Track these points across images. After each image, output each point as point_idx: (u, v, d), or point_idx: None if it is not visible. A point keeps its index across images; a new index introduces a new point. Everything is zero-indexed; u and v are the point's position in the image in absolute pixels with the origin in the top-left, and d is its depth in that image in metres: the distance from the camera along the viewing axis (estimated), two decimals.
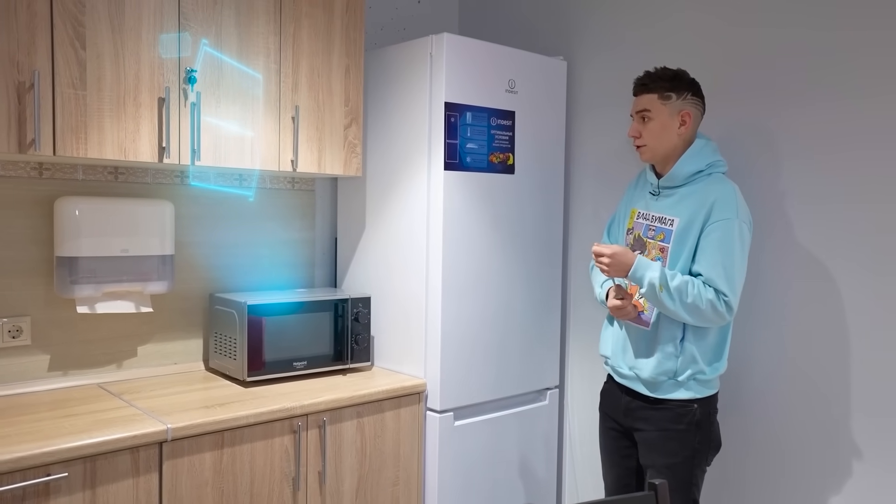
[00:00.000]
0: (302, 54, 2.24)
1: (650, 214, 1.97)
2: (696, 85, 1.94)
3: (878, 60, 1.93)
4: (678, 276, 1.83)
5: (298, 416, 2.01)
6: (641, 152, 1.96)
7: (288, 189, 2.58)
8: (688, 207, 1.89)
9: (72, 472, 1.64)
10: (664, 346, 1.89)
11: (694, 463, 1.90)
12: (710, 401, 1.92)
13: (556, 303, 2.63)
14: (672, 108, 1.91)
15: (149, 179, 2.26)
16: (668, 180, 1.94)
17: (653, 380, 1.91)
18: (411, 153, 2.35)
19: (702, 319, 1.83)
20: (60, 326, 2.12)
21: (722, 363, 1.92)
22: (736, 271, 1.82)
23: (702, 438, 1.90)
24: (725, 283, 1.81)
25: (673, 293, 1.81)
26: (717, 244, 1.83)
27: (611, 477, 2.09)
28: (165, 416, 1.84)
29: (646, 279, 1.83)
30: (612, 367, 2.05)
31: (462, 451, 2.36)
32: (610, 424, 2.08)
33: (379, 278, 2.50)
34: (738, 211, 1.84)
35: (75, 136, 1.83)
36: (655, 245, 1.93)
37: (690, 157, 1.91)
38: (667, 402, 1.91)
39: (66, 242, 2.02)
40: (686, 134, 1.92)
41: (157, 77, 1.95)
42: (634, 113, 1.96)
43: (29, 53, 1.75)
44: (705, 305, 1.80)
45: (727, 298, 1.81)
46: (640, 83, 1.94)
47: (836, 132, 2.01)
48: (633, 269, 1.85)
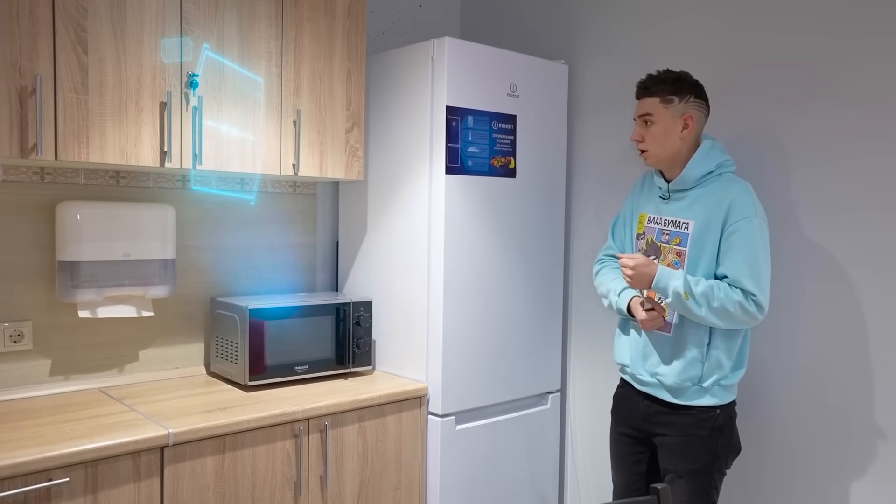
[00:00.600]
0: (303, 58, 2.24)
1: (662, 219, 1.96)
2: (700, 87, 1.92)
3: (886, 66, 1.92)
4: (702, 282, 1.81)
5: (300, 420, 2.01)
6: (645, 157, 1.95)
7: (289, 193, 2.58)
8: (703, 209, 1.87)
9: (73, 477, 1.64)
10: (689, 351, 1.88)
11: (714, 468, 1.89)
12: (731, 406, 1.92)
13: (557, 306, 2.63)
14: (674, 111, 1.90)
15: (150, 184, 2.26)
16: (678, 183, 1.93)
17: (677, 386, 1.90)
18: (413, 157, 2.35)
19: (732, 322, 1.81)
20: (62, 331, 2.12)
21: (743, 368, 1.92)
22: (762, 269, 1.81)
23: (723, 443, 1.89)
24: (752, 282, 1.80)
25: (699, 299, 1.80)
26: (740, 244, 1.81)
27: (620, 481, 2.08)
28: (167, 421, 1.84)
29: (670, 288, 1.82)
30: (632, 374, 2.03)
31: (464, 455, 2.35)
32: (622, 430, 2.06)
33: (381, 282, 2.49)
34: (756, 209, 1.84)
35: (77, 140, 1.83)
36: (671, 249, 1.92)
37: (700, 159, 1.90)
38: (689, 408, 1.89)
39: (68, 247, 2.02)
40: (689, 137, 1.91)
41: (158, 81, 1.95)
42: (637, 117, 1.95)
43: (31, 58, 1.75)
44: (734, 308, 1.79)
45: (756, 298, 1.80)
46: (643, 86, 1.94)
47: (845, 137, 2.01)
48: (657, 279, 1.84)
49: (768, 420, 2.17)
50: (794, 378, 2.12)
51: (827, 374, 2.05)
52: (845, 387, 2.02)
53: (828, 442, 2.05)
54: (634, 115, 1.97)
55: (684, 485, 1.89)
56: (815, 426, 2.08)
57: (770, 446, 2.18)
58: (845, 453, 2.02)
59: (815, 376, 2.08)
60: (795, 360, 2.11)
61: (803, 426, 2.10)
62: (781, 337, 2.14)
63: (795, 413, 2.12)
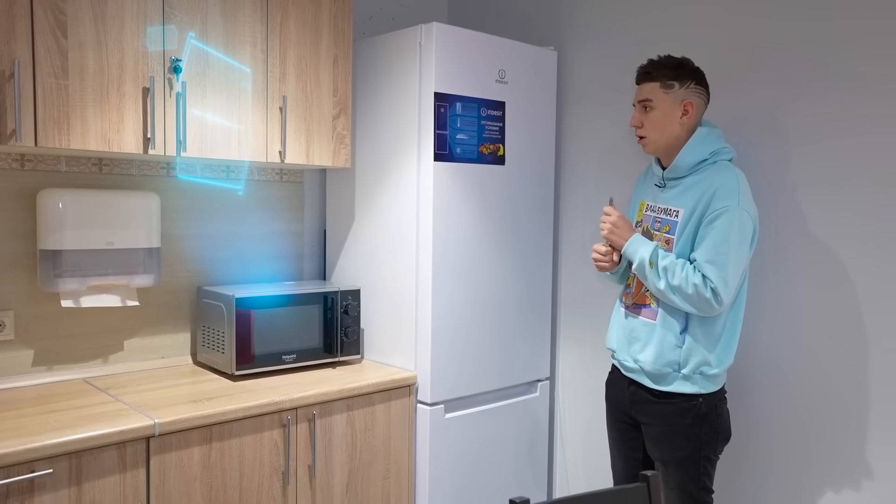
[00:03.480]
0: (289, 44, 2.21)
1: (657, 206, 1.96)
2: (701, 73, 1.91)
3: (881, 50, 1.92)
4: (670, 257, 1.84)
5: (288, 409, 1.99)
6: (644, 144, 1.94)
7: (276, 181, 2.56)
8: (692, 197, 1.87)
9: (57, 468, 1.62)
10: (665, 336, 1.89)
11: (702, 454, 1.89)
12: (715, 394, 1.91)
13: (546, 294, 2.62)
14: (675, 97, 1.88)
15: (134, 171, 2.23)
16: (672, 171, 1.92)
17: (656, 371, 1.90)
18: (401, 144, 2.33)
19: (689, 304, 1.82)
20: (45, 321, 2.09)
21: (728, 358, 1.90)
22: (729, 260, 1.79)
23: (708, 430, 1.89)
24: (714, 271, 1.79)
25: (661, 272, 1.83)
26: (714, 232, 1.81)
27: (619, 466, 2.09)
28: (152, 411, 1.81)
29: (637, 254, 1.87)
30: (619, 360, 2.04)
31: (453, 443, 2.35)
32: (617, 416, 2.07)
33: (368, 271, 2.47)
34: (740, 199, 1.81)
35: (57, 126, 1.79)
36: (661, 237, 1.93)
37: (693, 146, 1.89)
38: (671, 396, 1.90)
39: (50, 235, 1.99)
40: (689, 124, 1.90)
41: (141, 66, 1.92)
42: (636, 102, 1.94)
43: (8, 42, 1.71)
44: (692, 290, 1.79)
45: (714, 286, 1.79)
46: (644, 71, 1.92)
47: (841, 120, 2.00)
48: (629, 242, 1.90)
49: (762, 407, 2.18)
50: (789, 365, 2.12)
51: (824, 360, 2.06)
52: (843, 372, 2.03)
53: (821, 430, 2.06)
54: (634, 100, 1.95)
55: (673, 472, 1.90)
56: (810, 413, 2.09)
57: (764, 433, 2.19)
58: (840, 441, 2.03)
59: (812, 363, 2.08)
60: (789, 347, 2.12)
61: (797, 412, 2.11)
62: (775, 324, 2.14)
63: (790, 400, 2.12)
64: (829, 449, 2.04)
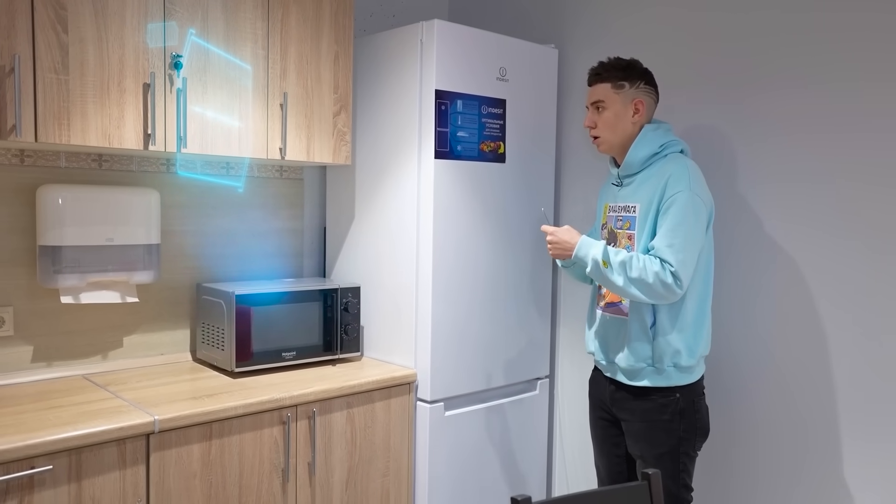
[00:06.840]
0: (290, 41, 2.20)
1: (617, 205, 2.00)
2: (649, 74, 1.97)
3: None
4: (623, 252, 1.84)
5: (288, 406, 1.99)
6: (598, 144, 1.99)
7: (276, 178, 2.55)
8: (647, 191, 1.90)
9: (56, 464, 1.61)
10: (635, 332, 1.90)
11: (681, 451, 1.90)
12: (693, 388, 1.92)
13: (546, 292, 2.62)
14: (625, 96, 1.93)
15: (134, 167, 2.22)
16: (625, 168, 1.96)
17: (631, 368, 1.92)
18: (401, 141, 2.32)
19: (653, 294, 1.81)
20: (44, 317, 2.08)
21: (701, 347, 1.91)
22: (686, 241, 1.80)
23: (686, 427, 1.90)
24: (671, 252, 1.80)
25: (617, 268, 1.82)
26: (669, 218, 1.83)
27: (602, 464, 2.10)
28: (152, 408, 1.81)
29: (589, 257, 1.86)
30: (597, 359, 2.07)
31: (452, 441, 2.35)
32: (599, 414, 2.08)
33: (368, 268, 2.47)
34: (691, 184, 1.84)
35: (57, 122, 1.79)
36: (624, 234, 1.95)
37: (642, 141, 1.93)
38: (649, 392, 1.91)
39: (49, 231, 1.98)
40: (640, 122, 1.95)
41: (141, 62, 1.91)
42: (589, 104, 1.99)
43: (9, 37, 1.71)
44: (653, 279, 1.79)
45: (674, 270, 1.79)
46: (594, 73, 1.97)
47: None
48: (578, 247, 1.90)
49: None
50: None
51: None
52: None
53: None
54: (587, 102, 2.00)
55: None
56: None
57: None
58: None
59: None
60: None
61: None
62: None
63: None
64: (812, 444, 2.04)
